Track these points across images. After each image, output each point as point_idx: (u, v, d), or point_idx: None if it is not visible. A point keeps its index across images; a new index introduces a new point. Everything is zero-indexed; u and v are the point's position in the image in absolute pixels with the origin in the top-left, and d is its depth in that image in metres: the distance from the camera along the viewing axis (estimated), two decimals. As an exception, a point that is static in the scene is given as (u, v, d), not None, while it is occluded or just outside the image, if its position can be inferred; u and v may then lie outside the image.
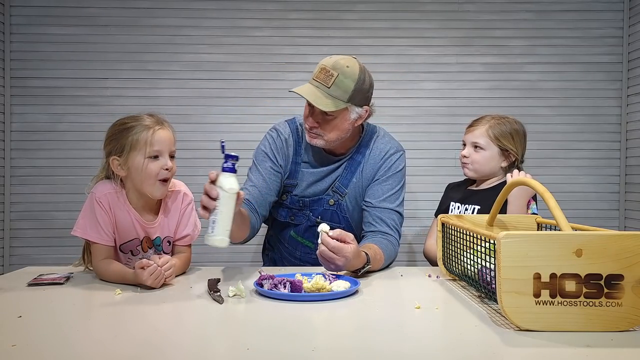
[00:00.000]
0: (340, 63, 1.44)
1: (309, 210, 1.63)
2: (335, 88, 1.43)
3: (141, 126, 1.31)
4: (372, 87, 1.53)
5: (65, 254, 2.49)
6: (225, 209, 1.11)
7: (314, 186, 1.61)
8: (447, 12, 2.65)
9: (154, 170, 1.30)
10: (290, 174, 1.61)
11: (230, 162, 1.13)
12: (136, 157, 1.29)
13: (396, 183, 1.58)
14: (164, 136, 1.32)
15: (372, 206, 1.55)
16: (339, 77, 1.43)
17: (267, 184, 1.55)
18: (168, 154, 1.32)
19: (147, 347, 0.81)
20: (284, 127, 1.64)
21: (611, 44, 2.65)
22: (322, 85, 1.44)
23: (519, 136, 1.72)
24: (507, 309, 0.87)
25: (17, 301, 1.09)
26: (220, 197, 1.11)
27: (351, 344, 0.83)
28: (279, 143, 1.60)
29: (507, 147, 1.70)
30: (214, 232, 1.10)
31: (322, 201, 1.61)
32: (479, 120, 1.76)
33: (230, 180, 1.12)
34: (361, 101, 1.49)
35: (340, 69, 1.43)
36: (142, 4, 2.59)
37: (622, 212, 2.66)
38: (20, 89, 2.56)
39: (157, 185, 1.31)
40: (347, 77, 1.44)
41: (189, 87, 2.61)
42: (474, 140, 1.72)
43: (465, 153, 1.74)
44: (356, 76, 1.45)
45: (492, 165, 1.72)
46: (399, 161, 1.61)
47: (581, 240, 0.87)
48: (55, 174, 2.57)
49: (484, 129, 1.71)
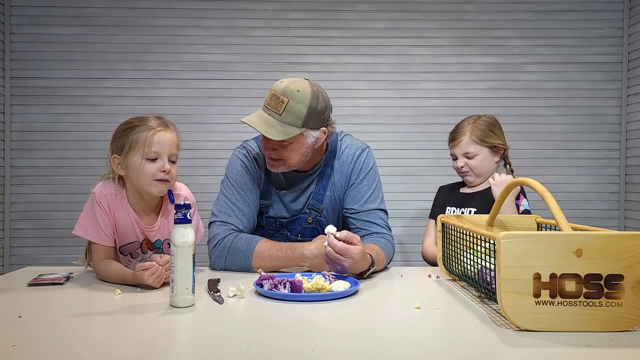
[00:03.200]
0: (290, 88, 1.38)
1: (287, 230, 1.58)
2: (287, 114, 1.38)
3: (144, 126, 1.30)
4: (327, 109, 1.48)
5: (65, 254, 2.49)
6: (181, 265, 1.02)
7: (288, 207, 1.56)
8: (447, 12, 2.65)
9: (150, 171, 1.28)
10: (263, 195, 1.56)
11: (181, 212, 1.04)
12: (134, 156, 1.28)
13: (371, 182, 1.56)
14: (164, 138, 1.30)
15: (356, 212, 1.52)
16: (289, 104, 1.37)
17: (252, 209, 1.51)
18: (167, 156, 1.30)
19: (147, 347, 0.81)
20: (254, 146, 1.58)
21: (611, 44, 2.66)
22: (274, 113, 1.39)
23: (497, 128, 1.79)
24: (507, 309, 0.87)
25: (17, 301, 1.09)
26: (175, 253, 1.02)
27: (351, 344, 0.83)
28: (250, 163, 1.54)
29: (494, 144, 1.75)
30: (174, 291, 1.02)
31: (300, 220, 1.57)
32: (458, 131, 1.79)
33: (182, 232, 1.03)
34: (317, 124, 1.43)
35: (291, 95, 1.38)
36: (142, 4, 2.60)
37: (622, 212, 2.66)
38: (20, 89, 2.56)
39: (153, 184, 1.29)
40: (298, 102, 1.38)
41: (189, 87, 2.61)
42: (464, 151, 1.76)
43: (460, 164, 1.78)
44: (307, 100, 1.39)
45: (488, 164, 1.77)
46: (367, 160, 1.57)
47: (581, 240, 0.87)
48: (55, 174, 2.57)
49: (467, 137, 1.75)
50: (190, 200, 1.42)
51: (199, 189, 1.50)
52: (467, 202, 1.78)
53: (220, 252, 1.40)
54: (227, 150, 2.48)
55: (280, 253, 1.36)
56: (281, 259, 1.36)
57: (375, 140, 2.45)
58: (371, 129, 2.63)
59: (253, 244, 1.38)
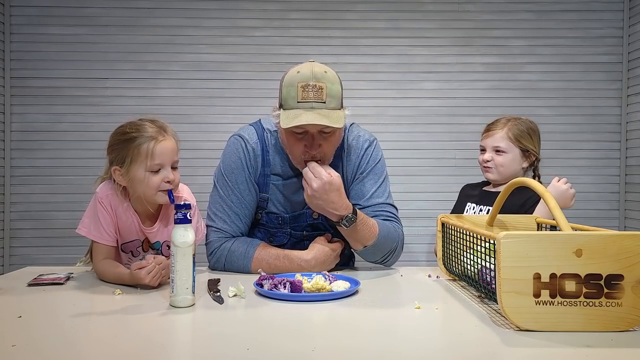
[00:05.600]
0: (317, 72, 1.28)
1: (290, 228, 1.46)
2: (330, 99, 1.28)
3: (142, 138, 1.27)
4: None
5: (65, 254, 2.49)
6: (181, 265, 1.02)
7: (290, 199, 1.45)
8: (447, 12, 2.65)
9: (155, 182, 1.27)
10: (259, 188, 1.44)
11: (181, 212, 1.04)
12: (137, 170, 1.27)
13: (378, 176, 1.47)
14: (165, 148, 1.29)
15: (361, 207, 1.42)
16: (327, 87, 1.28)
17: (250, 210, 1.43)
18: (170, 165, 1.30)
19: (147, 347, 0.81)
20: (251, 133, 1.46)
21: (611, 44, 2.66)
22: (318, 103, 1.27)
23: (536, 135, 1.74)
24: (507, 309, 0.87)
25: (17, 301, 1.09)
26: (175, 253, 1.02)
27: (351, 344, 0.83)
28: (247, 154, 1.42)
29: (527, 148, 1.70)
30: (174, 292, 1.03)
31: (305, 215, 1.45)
32: (495, 124, 1.75)
33: (182, 232, 1.03)
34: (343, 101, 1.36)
35: (323, 78, 1.28)
36: (142, 4, 2.60)
37: (622, 212, 2.66)
38: (20, 89, 2.56)
39: (159, 195, 1.29)
40: (332, 83, 1.30)
41: (189, 87, 2.61)
42: (495, 144, 1.71)
43: (487, 157, 1.73)
44: (337, 78, 1.33)
45: (515, 167, 1.72)
46: (375, 152, 1.49)
47: (581, 240, 0.87)
48: (55, 174, 2.57)
49: (503, 132, 1.70)
50: (190, 200, 1.40)
51: (199, 189, 1.49)
52: (488, 200, 1.72)
53: (218, 259, 1.39)
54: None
55: (278, 262, 1.34)
56: (279, 268, 1.33)
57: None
58: (371, 129, 2.57)
59: (250, 253, 1.35)
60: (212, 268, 1.42)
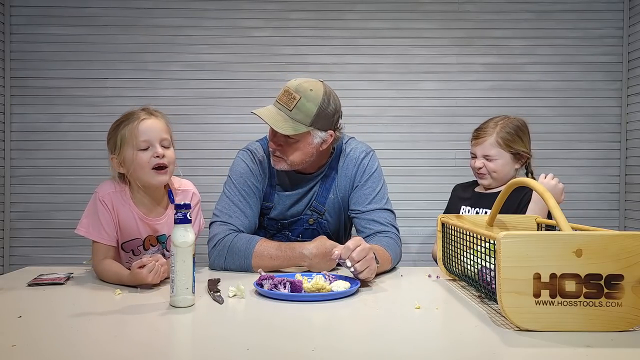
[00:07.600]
0: (303, 86, 1.41)
1: (288, 231, 1.61)
2: (297, 111, 1.40)
3: (129, 120, 1.31)
4: (337, 112, 1.49)
5: (64, 254, 2.49)
6: (181, 265, 1.03)
7: (291, 208, 1.58)
8: (447, 12, 2.65)
9: (144, 159, 1.29)
10: (265, 197, 1.57)
11: (180, 212, 1.04)
12: (127, 151, 1.30)
13: (376, 184, 1.56)
14: (150, 125, 1.31)
15: (361, 212, 1.53)
16: (301, 101, 1.40)
17: (253, 210, 1.52)
18: (158, 142, 1.31)
19: (147, 347, 0.81)
20: (257, 148, 1.59)
21: (611, 44, 2.65)
22: (284, 108, 1.41)
23: (525, 134, 1.73)
24: (507, 309, 0.87)
25: (17, 301, 1.09)
26: (175, 253, 1.03)
27: (351, 344, 0.83)
28: (254, 165, 1.55)
29: (518, 151, 1.69)
30: (174, 292, 1.03)
31: (302, 221, 1.59)
32: (484, 130, 1.73)
33: (182, 232, 1.04)
34: (325, 126, 1.45)
35: (303, 92, 1.40)
36: (142, 4, 2.60)
37: (622, 212, 2.66)
38: (20, 89, 2.56)
39: (151, 174, 1.30)
40: (309, 100, 1.40)
41: (189, 87, 2.61)
42: (485, 152, 1.70)
43: (479, 165, 1.72)
44: (319, 100, 1.41)
45: (507, 170, 1.71)
46: (371, 162, 1.58)
47: (581, 240, 0.87)
48: (55, 174, 2.57)
49: (492, 139, 1.68)
50: (197, 195, 1.45)
51: (199, 189, 1.50)
52: (483, 202, 1.72)
53: (220, 252, 1.41)
54: (227, 150, 2.49)
55: (280, 252, 1.37)
56: (280, 258, 1.36)
57: (375, 140, 2.45)
58: (371, 129, 2.63)
59: (252, 244, 1.39)
60: (213, 263, 1.44)
